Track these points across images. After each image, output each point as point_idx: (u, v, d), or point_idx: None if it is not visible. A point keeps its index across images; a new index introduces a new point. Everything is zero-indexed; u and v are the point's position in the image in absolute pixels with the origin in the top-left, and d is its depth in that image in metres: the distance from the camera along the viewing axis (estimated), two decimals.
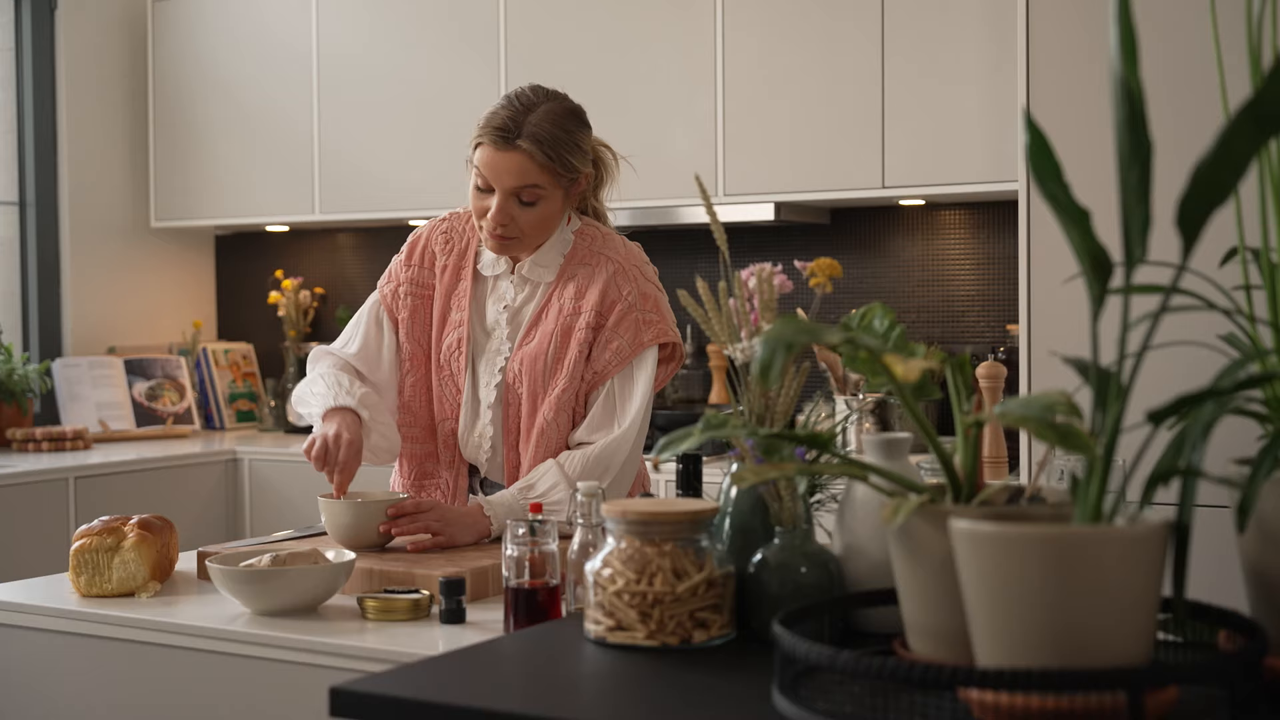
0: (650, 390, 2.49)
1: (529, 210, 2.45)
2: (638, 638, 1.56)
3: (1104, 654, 1.15)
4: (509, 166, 2.42)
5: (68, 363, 4.90)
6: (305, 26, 4.88)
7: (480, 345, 2.58)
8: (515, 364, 2.51)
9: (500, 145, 2.42)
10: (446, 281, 2.61)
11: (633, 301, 2.49)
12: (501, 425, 2.54)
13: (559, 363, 2.49)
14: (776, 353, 1.22)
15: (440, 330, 2.59)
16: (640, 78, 4.28)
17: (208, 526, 4.50)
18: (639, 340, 2.47)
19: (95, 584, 2.23)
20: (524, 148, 2.41)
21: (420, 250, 2.64)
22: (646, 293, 2.51)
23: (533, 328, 2.53)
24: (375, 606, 2.05)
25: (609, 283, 2.49)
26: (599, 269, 2.51)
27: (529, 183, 2.43)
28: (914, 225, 4.34)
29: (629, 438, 2.47)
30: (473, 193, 2.49)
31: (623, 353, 2.47)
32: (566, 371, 2.48)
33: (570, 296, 2.51)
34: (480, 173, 2.45)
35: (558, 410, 2.47)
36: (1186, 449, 1.23)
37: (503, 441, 2.54)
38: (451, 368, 2.56)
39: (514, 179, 2.42)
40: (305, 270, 5.38)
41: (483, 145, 2.44)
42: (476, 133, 2.47)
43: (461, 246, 2.62)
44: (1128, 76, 1.15)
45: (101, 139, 5.14)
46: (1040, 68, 3.02)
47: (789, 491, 1.60)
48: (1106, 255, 1.19)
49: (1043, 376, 3.01)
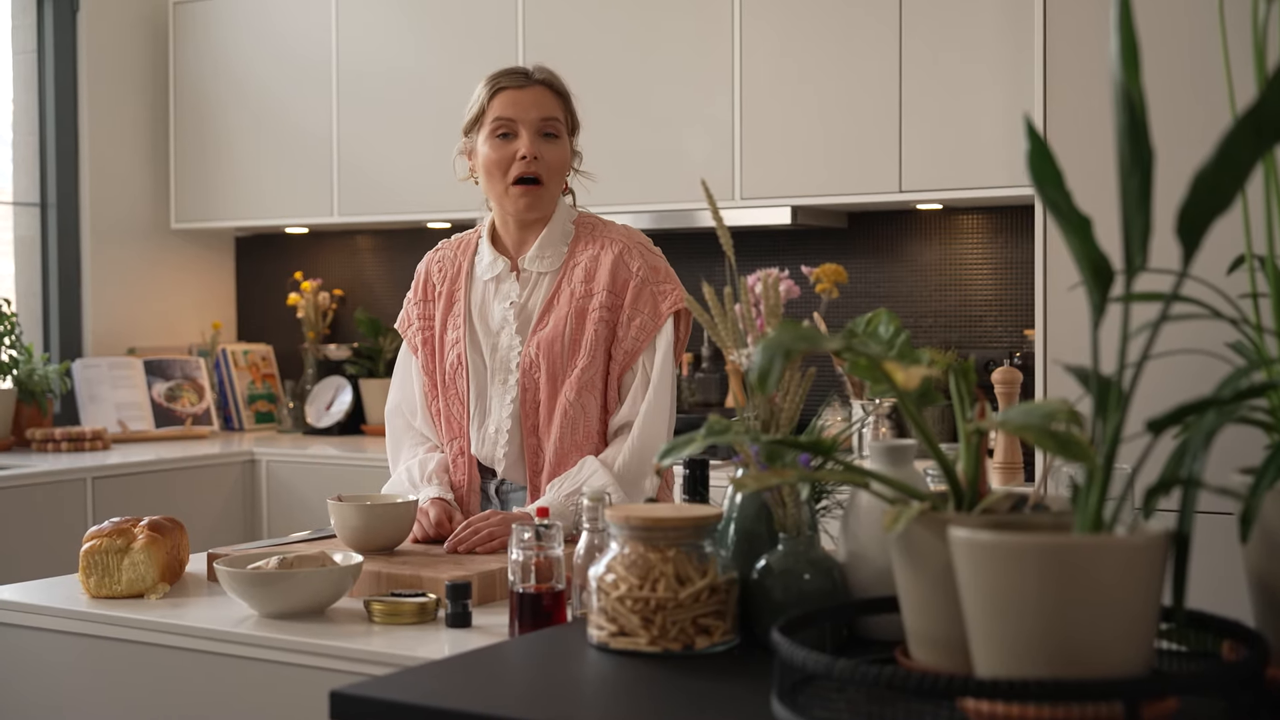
0: (672, 353, 2.57)
1: (552, 145, 2.58)
2: (640, 643, 1.56)
3: (1103, 664, 1.14)
4: (533, 100, 2.58)
5: (87, 363, 4.92)
6: (325, 30, 4.89)
7: (486, 349, 2.60)
8: (531, 349, 2.55)
9: (521, 83, 2.59)
10: (443, 307, 2.68)
11: (644, 276, 2.56)
12: (519, 414, 2.55)
13: (576, 343, 2.54)
14: (775, 359, 1.22)
15: (443, 354, 2.63)
16: (658, 81, 4.28)
17: (225, 527, 4.51)
18: (658, 312, 2.55)
19: (104, 585, 2.24)
20: (541, 80, 2.59)
21: (422, 284, 2.73)
22: (655, 265, 2.59)
23: (545, 315, 2.57)
24: (382, 610, 2.05)
25: (617, 261, 2.56)
26: (604, 250, 2.58)
27: (552, 114, 2.59)
28: (931, 230, 4.33)
29: (663, 405, 2.54)
30: (492, 149, 2.58)
31: (646, 327, 2.54)
32: (586, 350, 2.53)
33: (580, 280, 2.57)
34: (503, 119, 2.57)
35: (579, 390, 2.50)
36: (1188, 458, 1.22)
37: (521, 428, 2.56)
38: (457, 386, 2.60)
39: (540, 110, 2.57)
40: (324, 272, 5.39)
41: (503, 90, 2.58)
42: (487, 89, 2.60)
43: (453, 271, 2.69)
44: (1129, 84, 1.14)
45: (122, 141, 5.16)
46: (1057, 73, 3.00)
47: (793, 498, 1.60)
48: (1107, 263, 1.18)
49: (1059, 382, 3.00)
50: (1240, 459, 1.42)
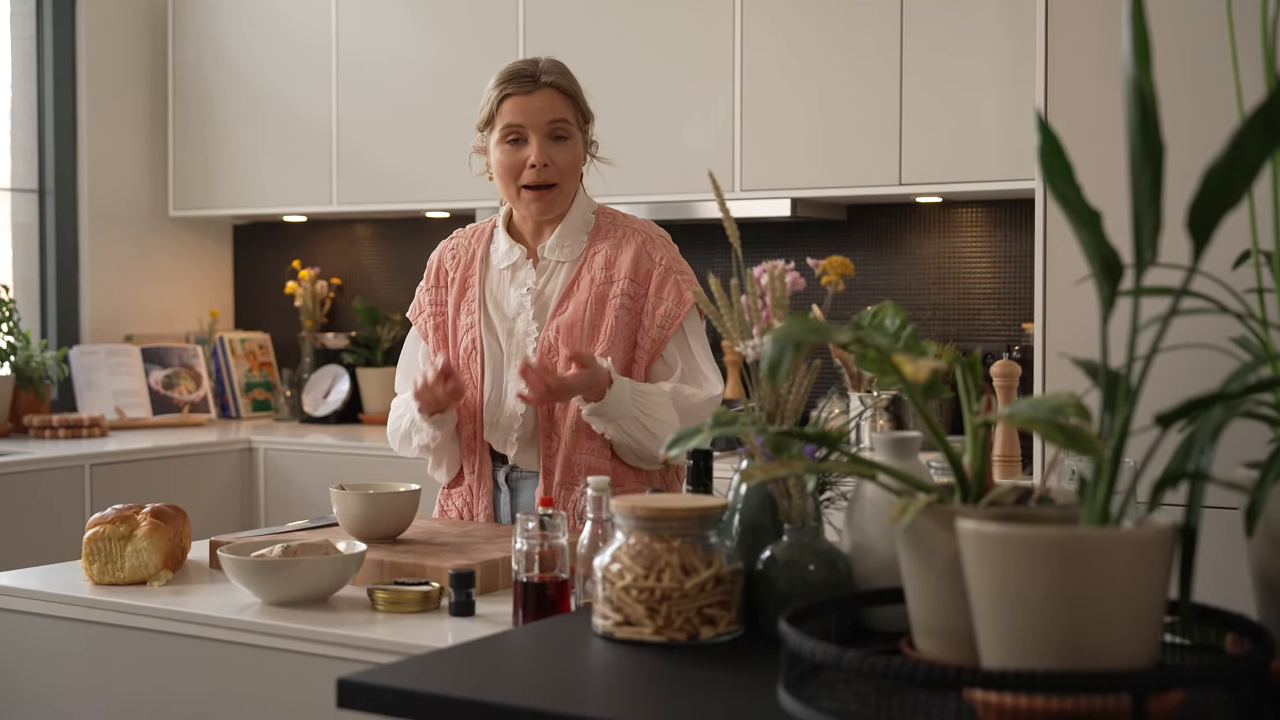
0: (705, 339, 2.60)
1: (563, 148, 2.58)
2: (645, 633, 1.57)
3: (1109, 656, 1.14)
4: (540, 104, 2.56)
5: (85, 350, 4.92)
6: (325, 18, 4.89)
7: (502, 334, 2.60)
8: (550, 333, 2.56)
9: (528, 88, 2.57)
10: (455, 293, 2.67)
11: (668, 265, 2.59)
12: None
13: (596, 329, 2.55)
14: (785, 351, 1.22)
15: (456, 339, 2.63)
16: (659, 73, 4.28)
17: (222, 515, 4.51)
18: (684, 299, 2.56)
19: (108, 572, 2.24)
20: (549, 82, 2.57)
21: (435, 271, 2.73)
22: (677, 256, 2.62)
23: (564, 300, 2.58)
24: (385, 598, 2.06)
25: (639, 251, 2.59)
26: (626, 240, 2.61)
27: (560, 116, 2.58)
28: (931, 223, 4.33)
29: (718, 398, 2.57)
30: (503, 154, 2.58)
31: (671, 314, 2.56)
32: (605, 336, 2.54)
33: (600, 266, 2.59)
34: (511, 125, 2.57)
35: None
36: (1195, 452, 1.23)
37: (536, 412, 2.55)
38: (471, 371, 2.60)
39: (548, 114, 2.56)
40: (322, 261, 5.39)
41: (509, 97, 2.57)
42: (495, 93, 2.58)
43: (468, 258, 2.69)
44: (1140, 79, 1.15)
45: (121, 128, 5.15)
46: (1059, 66, 3.01)
47: (798, 489, 1.60)
48: (1117, 257, 1.19)
49: (1057, 376, 3.01)
50: (1246, 453, 1.42)
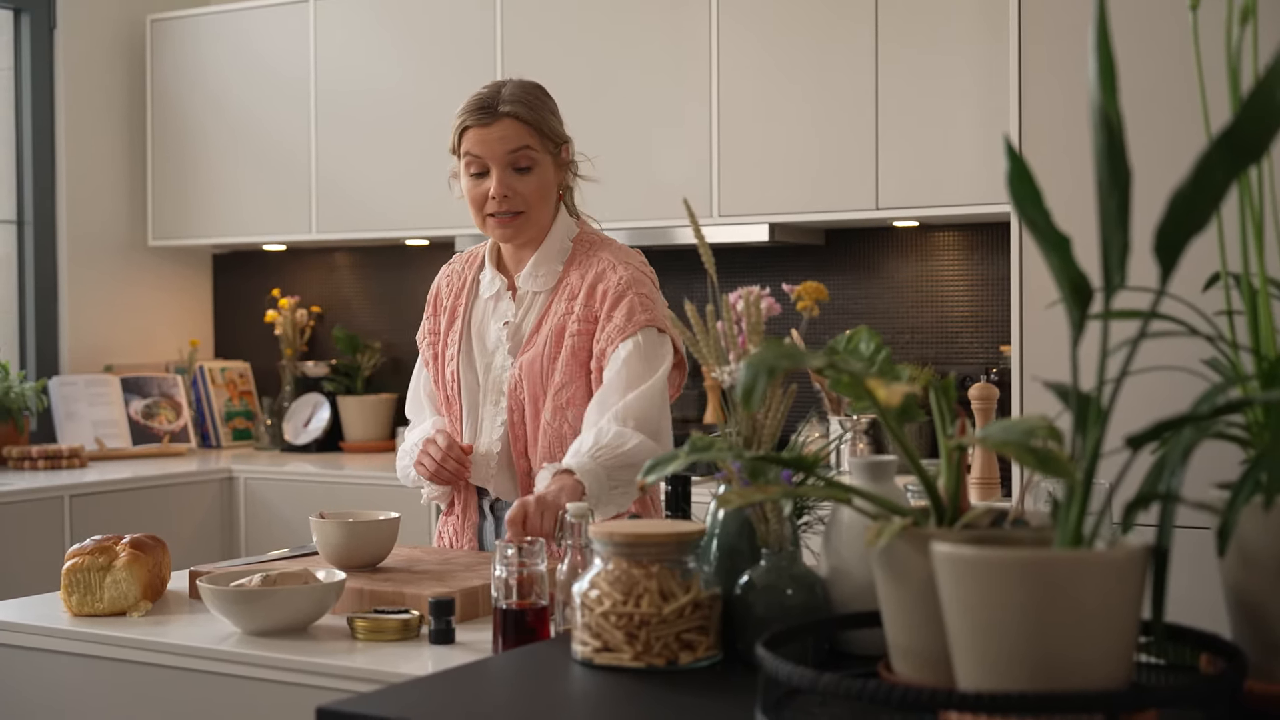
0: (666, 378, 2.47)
1: (526, 178, 2.54)
2: (624, 659, 1.57)
3: (1083, 677, 1.15)
4: (499, 134, 2.52)
5: (64, 380, 4.91)
6: (303, 47, 4.90)
7: (480, 369, 2.60)
8: (515, 372, 2.54)
9: (486, 119, 2.52)
10: (446, 322, 2.67)
11: (626, 283, 2.50)
12: (509, 436, 2.55)
13: (553, 361, 2.52)
14: (759, 377, 1.23)
15: (443, 370, 2.64)
16: (635, 99, 4.29)
17: (203, 545, 4.50)
18: (634, 319, 2.47)
19: (87, 603, 2.24)
20: (507, 112, 2.52)
21: (434, 298, 2.72)
22: (638, 279, 2.53)
23: (533, 335, 2.57)
24: (365, 626, 2.06)
25: (599, 275, 2.53)
26: (591, 269, 2.55)
27: (520, 145, 2.52)
28: (908, 246, 4.35)
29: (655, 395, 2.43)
30: (468, 186, 2.56)
31: (618, 328, 2.47)
32: (561, 368, 2.50)
33: (565, 298, 2.55)
34: (472, 156, 2.54)
35: (555, 410, 2.49)
36: (1165, 474, 1.24)
37: (511, 449, 2.55)
38: (451, 403, 2.62)
39: (506, 144, 2.52)
40: (302, 289, 5.39)
41: (469, 129, 2.53)
42: (457, 124, 2.55)
43: (459, 286, 2.68)
44: (1106, 106, 1.16)
45: (100, 157, 5.15)
46: (1032, 92, 3.03)
47: (775, 514, 1.61)
48: (1086, 281, 1.20)
49: (1035, 398, 3.02)
50: (1217, 474, 1.43)
